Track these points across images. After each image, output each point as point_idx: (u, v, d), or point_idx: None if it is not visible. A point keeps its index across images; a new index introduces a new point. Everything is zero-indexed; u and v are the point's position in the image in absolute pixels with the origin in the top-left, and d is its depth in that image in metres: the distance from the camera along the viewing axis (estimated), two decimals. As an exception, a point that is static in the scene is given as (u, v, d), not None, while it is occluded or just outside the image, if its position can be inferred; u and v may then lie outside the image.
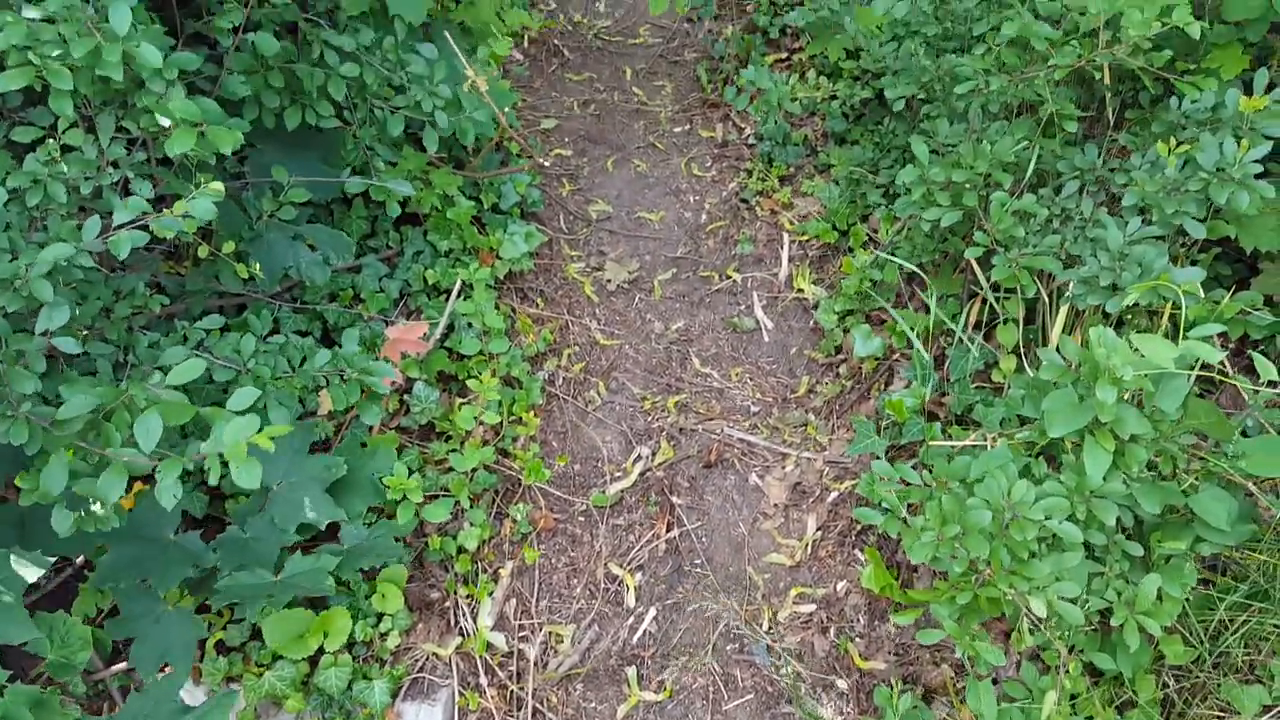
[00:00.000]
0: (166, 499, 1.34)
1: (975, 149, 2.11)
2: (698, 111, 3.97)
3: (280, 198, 2.37)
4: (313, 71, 2.21)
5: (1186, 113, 1.98)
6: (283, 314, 2.59)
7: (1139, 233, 1.88)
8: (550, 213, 3.54)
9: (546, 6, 4.48)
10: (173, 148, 1.56)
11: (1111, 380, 1.48)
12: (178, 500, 1.36)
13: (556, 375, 2.94)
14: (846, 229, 3.18)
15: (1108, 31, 1.83)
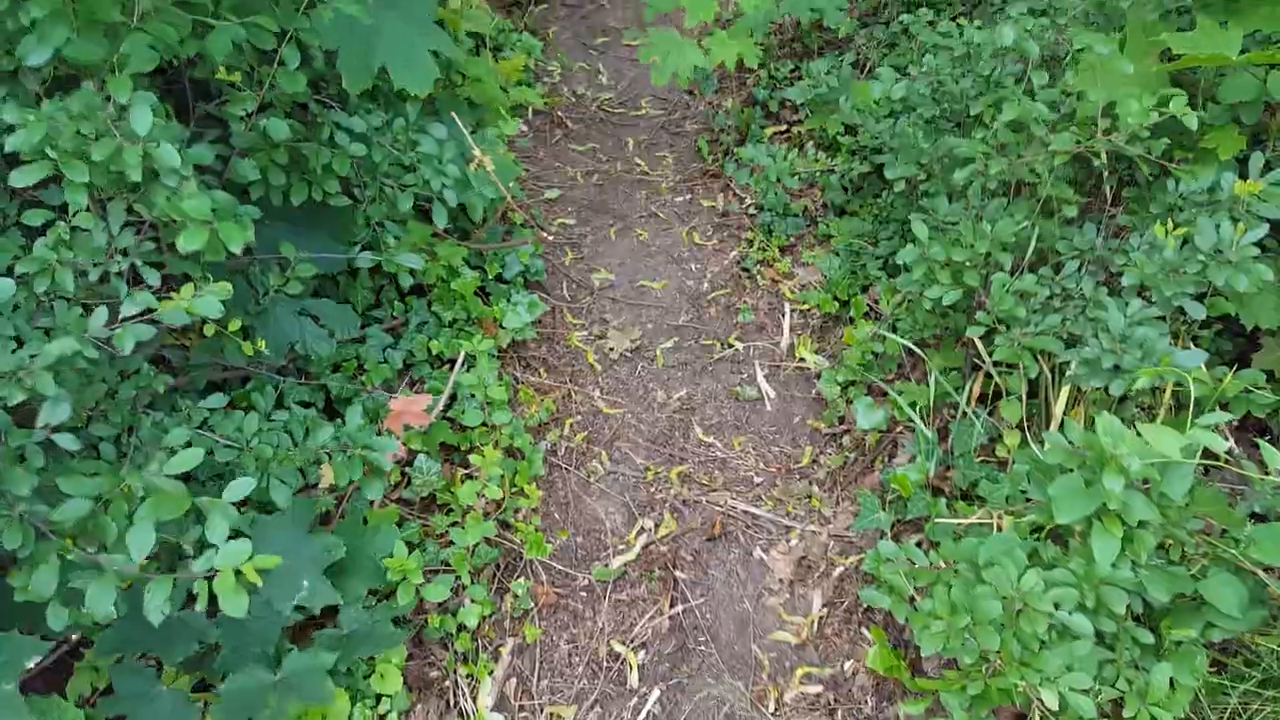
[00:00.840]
0: (155, 616, 1.33)
1: (975, 228, 2.14)
2: (699, 181, 4.03)
3: (287, 273, 2.39)
4: (319, 150, 2.25)
5: (1183, 194, 2.01)
6: (287, 385, 2.59)
7: (1139, 314, 1.89)
8: (553, 281, 3.57)
9: (550, 79, 4.58)
10: (184, 245, 1.58)
11: (1118, 469, 1.48)
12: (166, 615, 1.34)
13: (559, 445, 2.93)
14: (847, 299, 3.21)
15: (1105, 119, 1.87)
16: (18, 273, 1.72)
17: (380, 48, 2.34)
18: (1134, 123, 1.78)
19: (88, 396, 1.86)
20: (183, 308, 1.67)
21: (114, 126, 1.56)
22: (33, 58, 1.58)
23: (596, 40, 4.87)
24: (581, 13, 5.03)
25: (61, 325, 1.70)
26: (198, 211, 1.59)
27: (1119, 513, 1.57)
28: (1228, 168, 2.12)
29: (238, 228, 1.63)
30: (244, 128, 2.08)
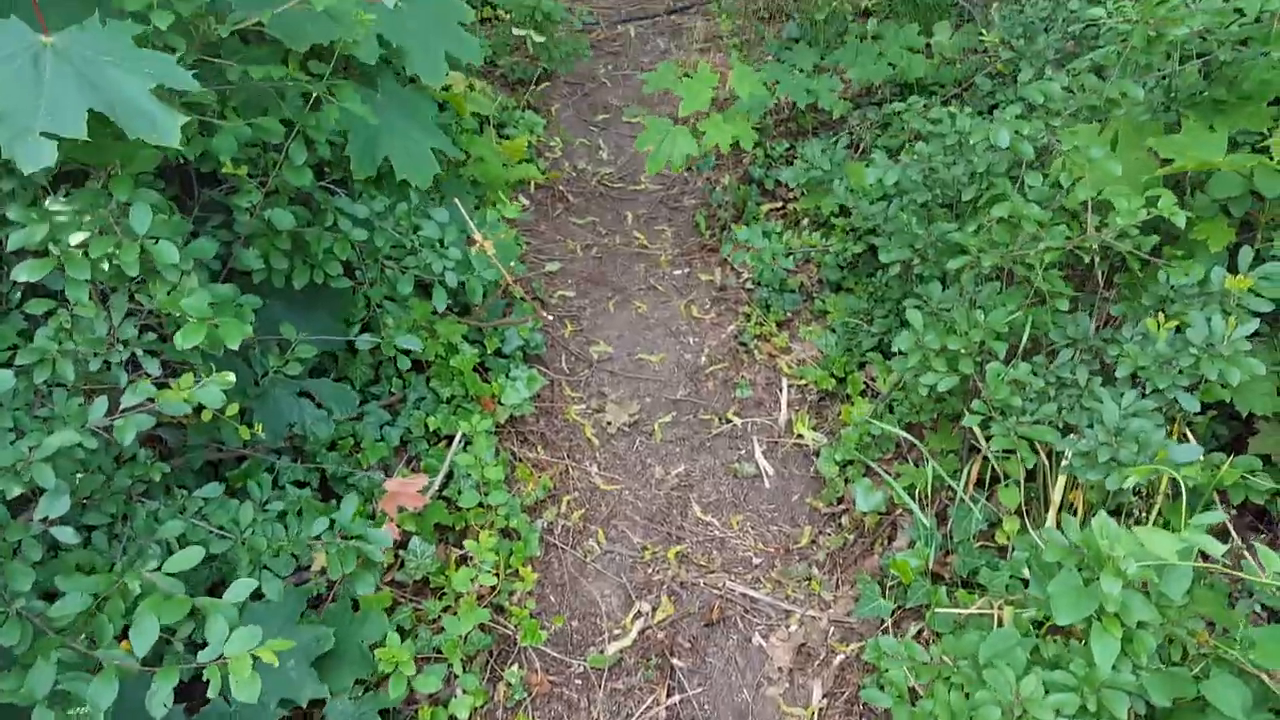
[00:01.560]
0: (157, 709, 1.31)
1: (968, 315, 2.16)
2: (697, 255, 4.08)
3: (287, 354, 2.41)
4: (322, 235, 2.29)
5: (1174, 286, 2.04)
6: (282, 464, 2.59)
7: (1134, 405, 1.90)
8: (553, 354, 3.59)
9: (552, 154, 4.67)
10: (182, 342, 1.59)
11: (1115, 571, 1.47)
12: (168, 709, 1.32)
13: (555, 524, 2.91)
14: (844, 376, 3.22)
15: (1096, 216, 1.90)
16: (18, 363, 1.74)
17: (385, 142, 2.40)
18: (1123, 223, 1.81)
19: (84, 486, 1.86)
20: (183, 398, 1.68)
21: (115, 224, 1.59)
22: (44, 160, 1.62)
23: (597, 117, 4.98)
24: (583, 90, 5.15)
25: (61, 416, 1.71)
26: (196, 309, 1.61)
27: (1118, 613, 1.56)
28: (1218, 259, 2.15)
29: (236, 324, 1.65)
30: (248, 217, 2.11)
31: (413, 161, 2.47)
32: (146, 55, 1.52)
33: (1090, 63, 2.19)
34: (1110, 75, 2.09)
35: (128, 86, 1.43)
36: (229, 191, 2.16)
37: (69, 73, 1.43)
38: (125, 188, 1.60)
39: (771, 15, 5.09)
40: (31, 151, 1.37)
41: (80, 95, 1.41)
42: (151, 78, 1.44)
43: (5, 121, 1.37)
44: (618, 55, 5.48)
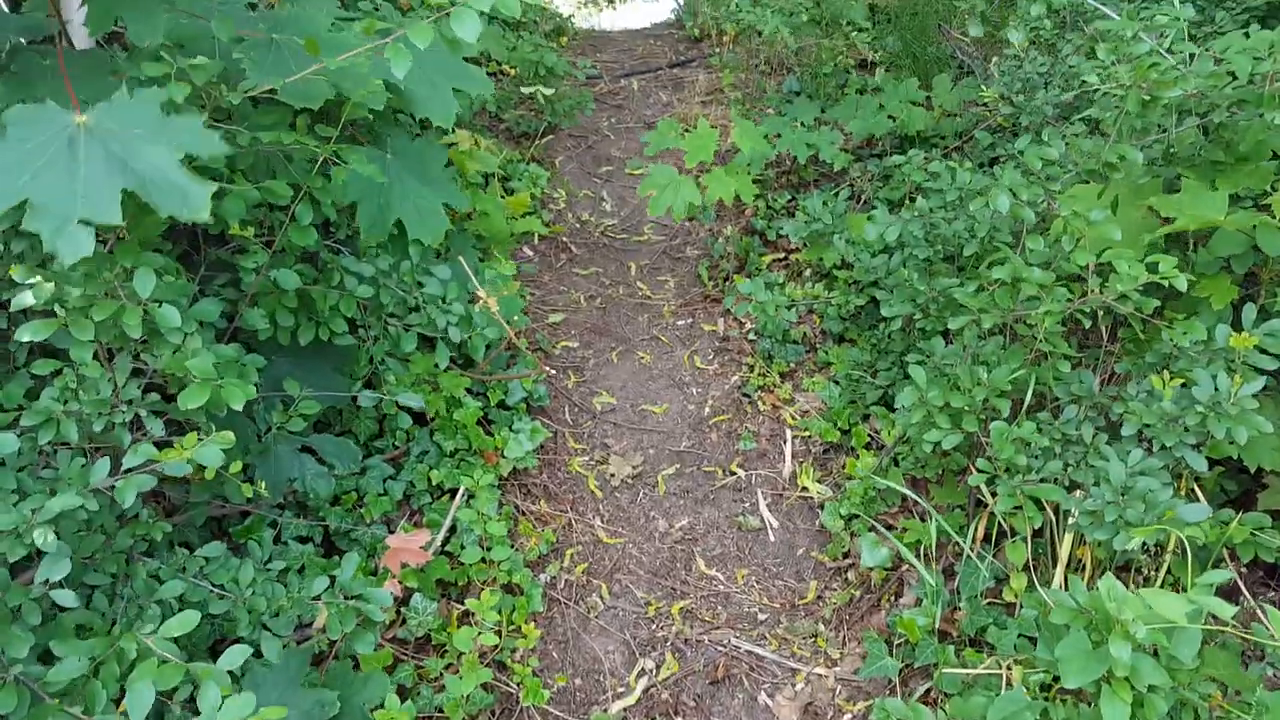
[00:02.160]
0: None
1: (971, 371, 2.16)
2: (699, 306, 4.10)
3: (290, 410, 2.41)
4: (328, 293, 2.31)
5: (1178, 344, 2.04)
6: (285, 520, 2.58)
7: (1140, 464, 1.89)
8: (556, 405, 3.58)
9: (556, 206, 4.73)
10: (185, 403, 1.60)
11: (1124, 634, 1.45)
12: None
13: (559, 578, 2.88)
14: (848, 428, 3.21)
15: (1097, 279, 1.91)
16: (23, 424, 1.75)
17: (395, 203, 2.43)
18: (1123, 288, 1.82)
19: (85, 546, 1.85)
20: (185, 458, 1.68)
21: (119, 286, 1.61)
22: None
23: (601, 169, 5.05)
24: (587, 143, 5.23)
25: (64, 477, 1.71)
26: (200, 370, 1.62)
27: (1128, 677, 1.53)
28: (1222, 315, 2.15)
29: (239, 385, 1.66)
30: (254, 276, 2.13)
31: (424, 220, 2.50)
32: (173, 124, 1.56)
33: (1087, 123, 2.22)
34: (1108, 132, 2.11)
35: (158, 159, 1.48)
36: (235, 250, 2.19)
37: (101, 153, 1.48)
38: (131, 254, 1.62)
39: (772, 69, 5.18)
40: (72, 242, 1.42)
41: (112, 176, 1.46)
42: (180, 147, 1.48)
43: (46, 214, 1.42)
44: (621, 108, 5.57)
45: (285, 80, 1.76)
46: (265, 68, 1.84)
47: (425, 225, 2.49)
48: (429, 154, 2.61)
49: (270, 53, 1.93)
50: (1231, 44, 1.88)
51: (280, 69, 1.83)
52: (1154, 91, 1.90)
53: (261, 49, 1.90)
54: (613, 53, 6.37)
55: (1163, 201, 1.99)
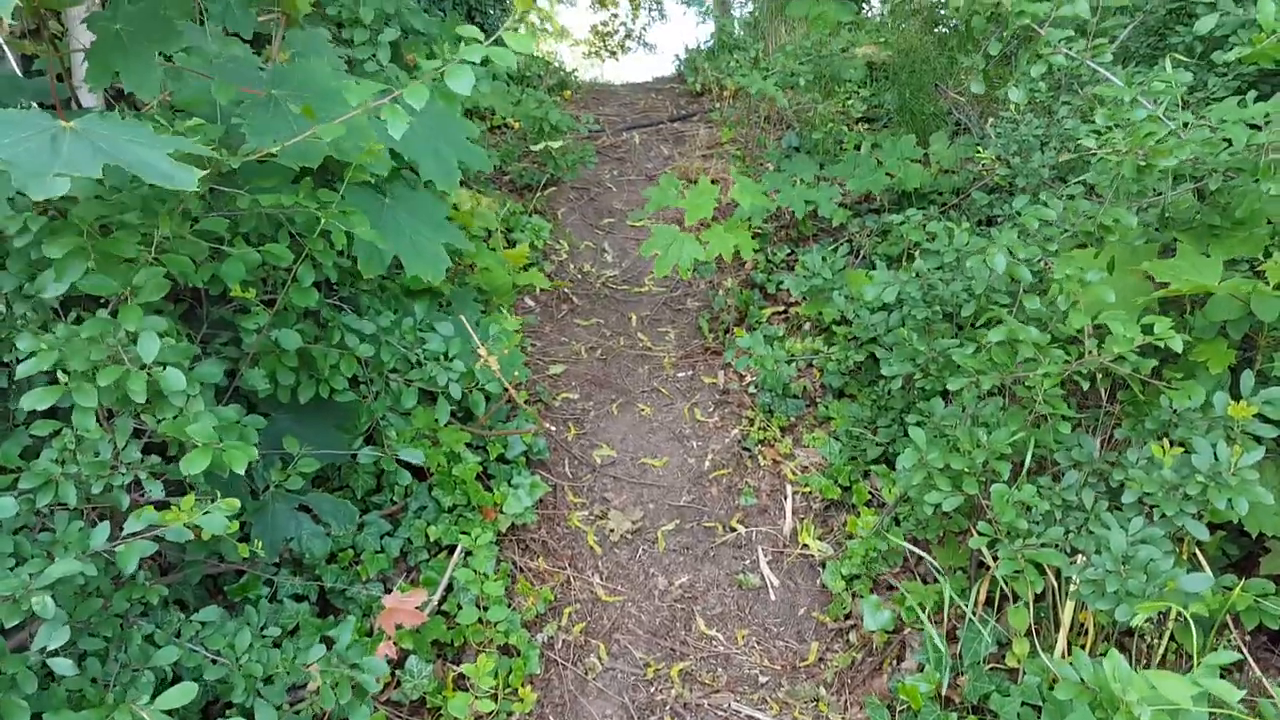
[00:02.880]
0: None
1: (971, 433, 2.16)
2: (700, 358, 4.11)
3: (289, 468, 2.41)
4: (328, 352, 2.32)
5: (1177, 410, 2.04)
6: (281, 578, 2.55)
7: (1142, 533, 1.88)
8: (556, 458, 3.57)
9: (558, 257, 4.77)
10: (187, 467, 1.60)
11: (1129, 716, 1.43)
12: None
13: (556, 638, 2.85)
14: (849, 485, 3.20)
15: (1093, 340, 1.92)
16: (21, 487, 1.74)
17: (394, 241, 2.45)
18: (1119, 350, 1.83)
19: (82, 610, 1.83)
20: (184, 522, 1.67)
21: (123, 351, 1.62)
22: (49, 291, 1.66)
23: (602, 221, 5.10)
24: (589, 195, 5.29)
25: (62, 541, 1.70)
26: (201, 434, 1.62)
27: (1136, 758, 1.51)
28: (1220, 378, 2.15)
29: (240, 449, 1.66)
30: (256, 335, 2.15)
31: (421, 256, 2.51)
32: (164, 138, 1.57)
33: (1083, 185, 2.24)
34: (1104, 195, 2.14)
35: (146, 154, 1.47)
36: (237, 309, 2.20)
37: (86, 145, 1.47)
38: (135, 317, 1.63)
39: (771, 124, 5.26)
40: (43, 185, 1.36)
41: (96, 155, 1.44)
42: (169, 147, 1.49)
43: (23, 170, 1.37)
44: (623, 161, 5.65)
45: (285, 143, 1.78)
46: (265, 130, 1.87)
47: (424, 262, 2.50)
48: (429, 201, 2.64)
49: (270, 112, 1.96)
50: (1227, 113, 1.91)
51: (280, 129, 1.86)
52: (1150, 159, 1.92)
53: (261, 109, 1.94)
54: (615, 106, 6.47)
55: (1158, 267, 2.01)
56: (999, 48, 2.37)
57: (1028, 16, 2.22)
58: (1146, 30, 3.62)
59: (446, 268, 2.70)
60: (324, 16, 3.29)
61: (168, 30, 1.82)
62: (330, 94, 1.98)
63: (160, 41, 1.82)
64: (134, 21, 1.80)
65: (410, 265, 2.61)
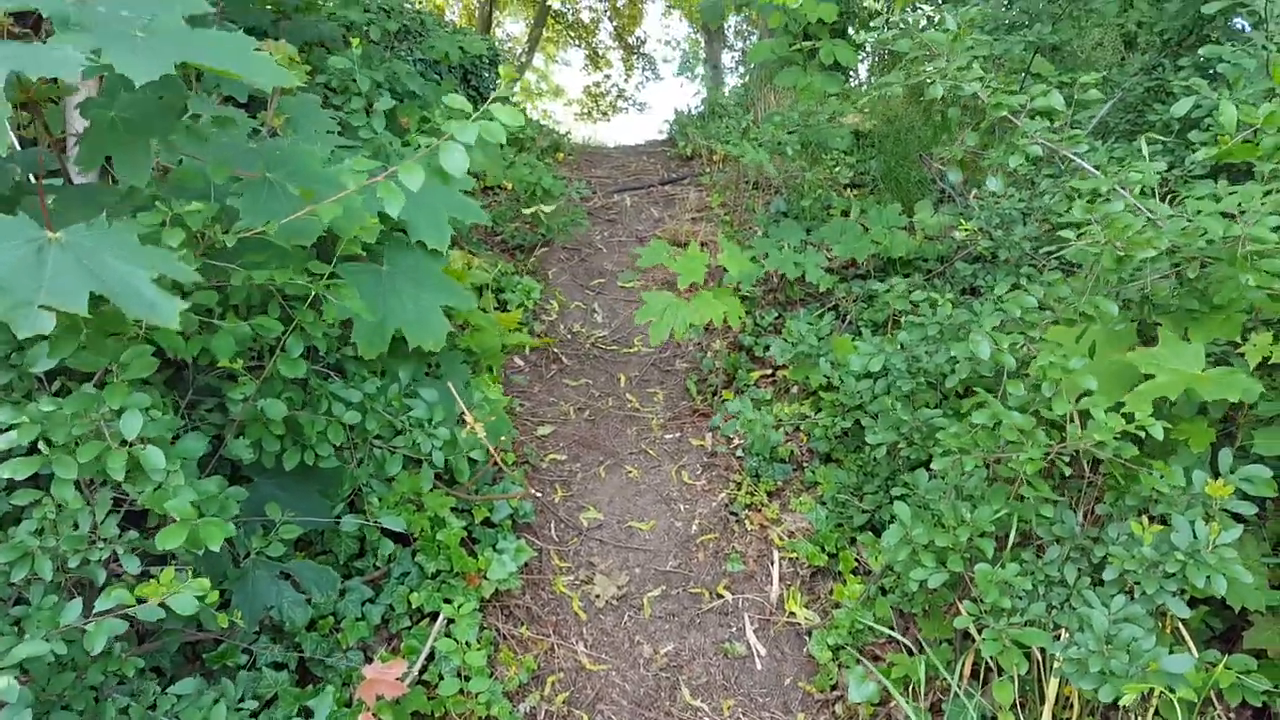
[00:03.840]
0: None
1: (955, 508, 2.16)
2: (688, 420, 4.12)
3: (270, 535, 2.39)
4: (314, 420, 2.32)
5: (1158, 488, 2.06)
6: (260, 646, 2.52)
7: (1124, 611, 1.88)
8: (542, 520, 3.56)
9: (549, 317, 4.80)
10: (163, 543, 1.60)
11: (1114, 806, 1.41)
12: None
13: (538, 709, 2.80)
14: (836, 552, 3.19)
15: (1075, 425, 1.95)
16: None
17: (394, 312, 2.47)
18: (1100, 436, 1.86)
19: (55, 684, 1.80)
20: (159, 600, 1.66)
21: (105, 426, 1.63)
22: (40, 365, 1.67)
23: (593, 281, 5.15)
24: (580, 256, 5.35)
25: (34, 617, 1.68)
26: (179, 510, 1.62)
27: None
28: (1201, 455, 2.17)
29: (217, 525, 1.65)
30: (242, 403, 2.15)
31: (424, 324, 2.52)
32: (149, 251, 1.59)
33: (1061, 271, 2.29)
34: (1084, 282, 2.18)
35: (129, 276, 1.48)
36: (225, 376, 2.21)
37: (71, 261, 1.47)
38: (120, 395, 1.64)
39: (760, 188, 5.36)
40: (29, 321, 1.36)
41: (81, 280, 1.44)
42: (154, 270, 1.50)
43: (5, 293, 1.37)
44: (614, 223, 5.73)
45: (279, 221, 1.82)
46: (259, 209, 1.90)
47: (426, 329, 2.51)
48: (424, 259, 2.66)
49: (264, 192, 2.00)
50: (1202, 205, 1.96)
51: (274, 209, 1.90)
52: (1129, 249, 1.97)
53: (255, 189, 1.97)
54: (607, 168, 6.59)
55: (1141, 357, 2.04)
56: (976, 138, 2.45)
57: (1004, 108, 2.30)
58: (1126, 107, 3.73)
59: (448, 330, 2.71)
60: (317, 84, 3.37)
61: (165, 118, 1.86)
62: (325, 176, 2.02)
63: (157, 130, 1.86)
64: (131, 109, 1.84)
65: (414, 337, 2.61)
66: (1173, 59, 3.60)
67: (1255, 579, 2.26)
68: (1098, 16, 3.99)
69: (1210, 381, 1.94)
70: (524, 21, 17.45)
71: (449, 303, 2.75)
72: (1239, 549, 2.02)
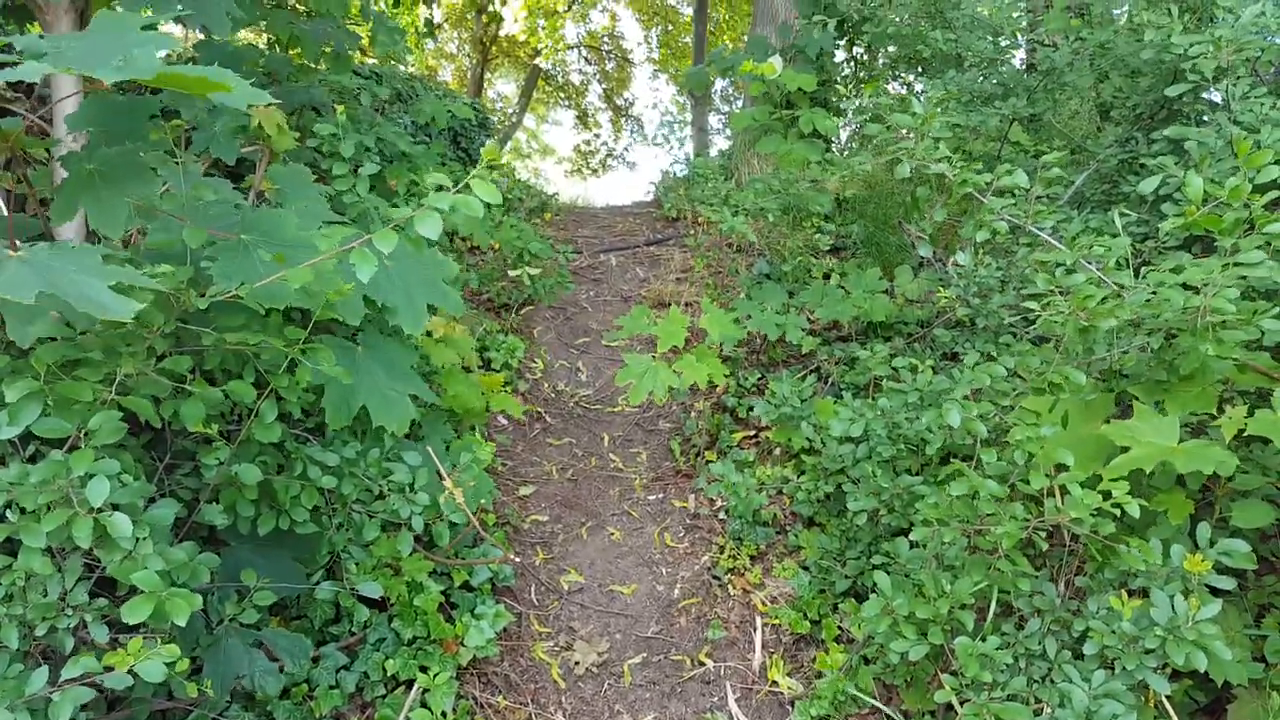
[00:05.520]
0: None
1: (936, 579, 2.16)
2: (671, 481, 4.11)
3: (244, 601, 2.35)
4: (289, 484, 2.30)
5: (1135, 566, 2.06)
6: (231, 713, 2.45)
7: (1104, 686, 1.87)
8: (523, 584, 3.51)
9: (533, 375, 4.81)
10: (129, 616, 1.57)
11: None
12: None
13: (515, 786, 2.73)
14: (819, 619, 3.16)
15: (1052, 499, 1.96)
16: (-39, 629, 1.69)
17: (362, 391, 2.48)
18: (1076, 514, 1.87)
19: (11, 758, 1.75)
20: (126, 668, 1.62)
21: (74, 493, 1.61)
22: (3, 433, 1.66)
23: (578, 340, 5.18)
24: (565, 315, 5.39)
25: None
26: (146, 582, 1.59)
27: None
28: (1181, 526, 2.18)
29: (185, 598, 1.62)
30: (217, 467, 2.13)
31: (390, 409, 2.53)
32: (110, 269, 1.59)
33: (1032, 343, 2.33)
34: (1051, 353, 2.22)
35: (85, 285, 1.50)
36: (201, 440, 2.19)
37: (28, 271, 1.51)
38: (86, 461, 1.63)
39: (743, 251, 5.44)
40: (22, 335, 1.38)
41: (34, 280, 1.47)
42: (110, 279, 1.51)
43: None
44: (599, 283, 5.79)
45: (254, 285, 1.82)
46: (233, 273, 1.91)
47: (391, 414, 2.52)
48: (398, 349, 2.68)
49: (239, 256, 2.01)
50: (1165, 277, 2.01)
51: (249, 273, 1.91)
52: (1092, 320, 2.01)
53: (230, 253, 1.98)
54: (593, 228, 6.67)
55: (1116, 430, 2.07)
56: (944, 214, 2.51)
57: (970, 186, 2.36)
58: (1101, 177, 3.83)
59: (411, 418, 2.72)
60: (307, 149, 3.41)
61: (142, 176, 1.88)
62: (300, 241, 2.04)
63: (133, 186, 1.88)
64: (109, 164, 1.87)
65: (377, 416, 2.62)
66: (1145, 132, 3.71)
67: (1238, 652, 2.26)
68: (1072, 90, 4.12)
69: (1185, 455, 1.97)
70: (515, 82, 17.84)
71: (414, 391, 2.77)
72: (1221, 620, 2.02)
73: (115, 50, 1.57)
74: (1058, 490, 1.98)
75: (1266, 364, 2.09)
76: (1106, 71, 3.83)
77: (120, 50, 1.55)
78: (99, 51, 1.58)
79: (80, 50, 1.59)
